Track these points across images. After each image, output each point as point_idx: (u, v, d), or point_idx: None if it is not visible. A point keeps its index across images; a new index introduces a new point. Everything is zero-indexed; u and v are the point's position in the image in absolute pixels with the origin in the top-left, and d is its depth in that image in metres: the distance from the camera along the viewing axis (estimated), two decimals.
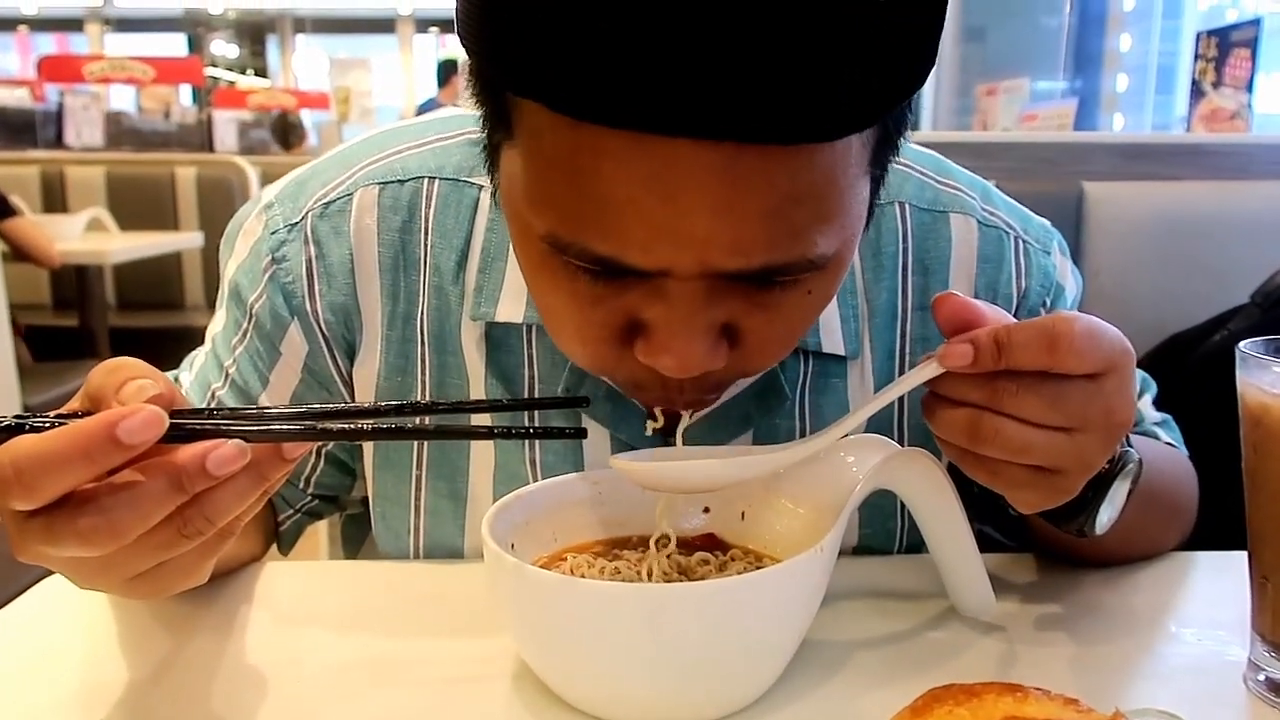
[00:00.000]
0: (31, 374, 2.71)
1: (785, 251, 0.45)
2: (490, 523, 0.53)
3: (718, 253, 0.44)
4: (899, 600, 0.64)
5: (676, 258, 0.44)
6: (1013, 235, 0.69)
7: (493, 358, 0.65)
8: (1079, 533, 0.57)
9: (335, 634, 0.60)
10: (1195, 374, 1.02)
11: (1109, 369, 0.48)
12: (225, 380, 0.69)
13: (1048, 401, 0.47)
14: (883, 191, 0.64)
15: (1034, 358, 0.47)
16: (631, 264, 0.45)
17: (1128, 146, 1.28)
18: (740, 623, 0.48)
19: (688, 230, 0.43)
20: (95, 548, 0.40)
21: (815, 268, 0.47)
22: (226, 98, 8.23)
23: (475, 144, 0.65)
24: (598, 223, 0.44)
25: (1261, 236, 1.18)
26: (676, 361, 0.47)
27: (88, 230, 3.31)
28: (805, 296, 0.49)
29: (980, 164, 1.27)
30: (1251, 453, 0.52)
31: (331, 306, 0.66)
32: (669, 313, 0.46)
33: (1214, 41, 1.82)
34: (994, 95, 2.72)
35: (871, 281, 0.67)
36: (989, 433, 0.48)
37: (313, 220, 0.66)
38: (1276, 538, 0.52)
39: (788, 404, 0.66)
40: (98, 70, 6.06)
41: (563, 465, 0.66)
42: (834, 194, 0.45)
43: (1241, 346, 0.52)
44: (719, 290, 0.46)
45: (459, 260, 0.65)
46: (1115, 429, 0.49)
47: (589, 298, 0.48)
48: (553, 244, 0.46)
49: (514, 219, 0.50)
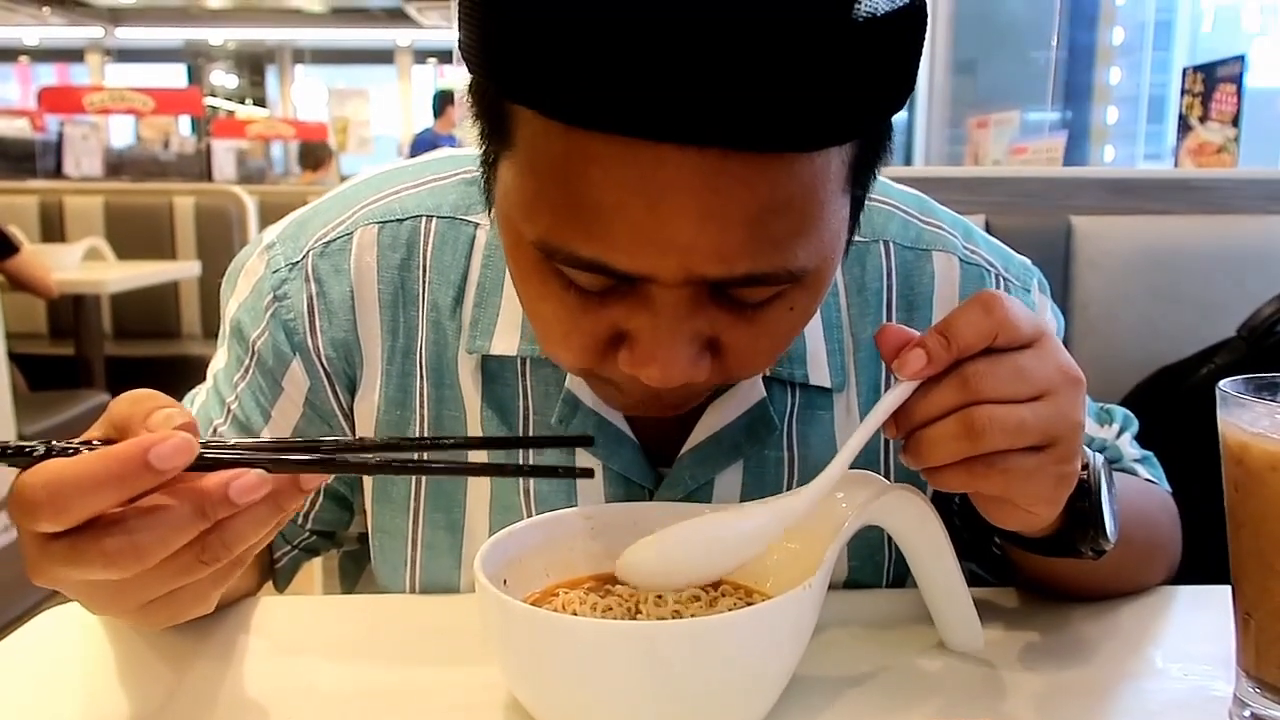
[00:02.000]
0: (27, 403, 2.71)
1: (767, 261, 0.46)
2: (483, 558, 0.53)
3: (701, 259, 0.45)
4: (888, 634, 0.64)
5: (661, 264, 0.46)
6: (994, 273, 0.71)
7: (488, 390, 0.67)
8: (1096, 552, 0.58)
9: (331, 667, 0.60)
10: (1182, 407, 1.03)
11: (1040, 333, 0.50)
12: (227, 416, 0.70)
13: (1013, 373, 0.49)
14: (868, 229, 0.67)
15: (977, 330, 0.48)
16: (617, 268, 0.46)
17: (1116, 181, 1.29)
18: (731, 659, 0.49)
19: (672, 236, 0.44)
20: (118, 570, 0.42)
21: (795, 279, 0.48)
22: (225, 128, 8.28)
23: (471, 183, 0.69)
24: (586, 227, 0.45)
25: (1248, 270, 1.19)
26: (660, 372, 0.49)
27: (85, 260, 3.32)
28: (787, 312, 0.51)
29: (971, 198, 1.29)
30: (1233, 490, 0.53)
31: (333, 342, 0.67)
32: (654, 323, 0.48)
33: (1200, 76, 1.85)
34: (985, 128, 2.75)
35: (857, 316, 0.69)
36: (983, 422, 0.48)
37: (313, 259, 0.68)
38: (1258, 575, 0.52)
39: (776, 434, 0.67)
40: (98, 101, 6.10)
41: (555, 496, 0.67)
42: (814, 207, 0.46)
43: (1222, 385, 0.53)
44: (702, 303, 0.48)
45: (456, 296, 0.67)
46: (1076, 384, 0.51)
47: (577, 307, 0.50)
48: (543, 250, 0.47)
49: (507, 229, 0.51)
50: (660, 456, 0.67)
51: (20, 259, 2.77)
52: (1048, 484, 0.51)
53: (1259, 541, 0.52)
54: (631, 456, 0.65)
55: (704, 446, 0.65)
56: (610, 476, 0.66)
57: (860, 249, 0.68)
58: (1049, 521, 0.55)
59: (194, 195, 3.83)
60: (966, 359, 0.49)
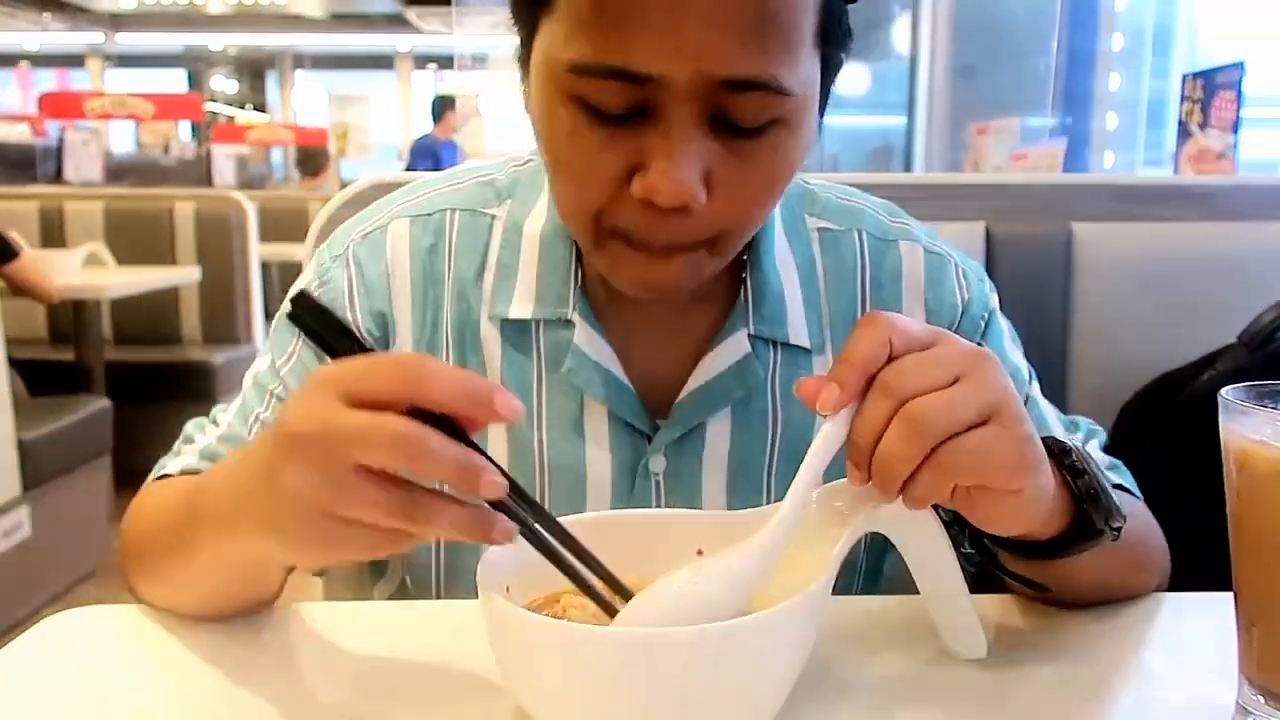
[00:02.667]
0: (27, 408, 2.71)
1: (760, 67, 0.56)
2: (485, 566, 0.53)
3: (708, 57, 0.55)
4: (890, 641, 0.64)
5: (674, 64, 0.55)
6: (953, 262, 0.79)
7: (507, 349, 0.75)
8: (1115, 529, 0.59)
9: (337, 675, 0.60)
10: (1184, 414, 1.03)
11: (936, 333, 0.53)
12: (268, 402, 0.76)
13: (925, 363, 0.51)
14: (845, 221, 0.79)
15: (872, 343, 0.51)
16: (639, 70, 0.55)
17: (1116, 188, 1.29)
18: (732, 668, 0.49)
19: (684, 37, 0.54)
20: (369, 510, 0.46)
21: (781, 94, 0.57)
22: (225, 133, 8.29)
23: (486, 185, 0.79)
24: (613, 37, 0.55)
25: (1249, 277, 1.19)
26: (669, 186, 0.57)
27: (86, 265, 3.32)
28: (772, 153, 0.60)
29: (971, 204, 1.29)
30: (1235, 499, 0.53)
31: (370, 314, 0.76)
32: (664, 143, 0.57)
33: (1200, 83, 1.85)
34: (985, 134, 2.76)
35: (834, 290, 0.77)
36: (920, 413, 0.50)
37: (354, 247, 0.77)
38: (1260, 583, 0.52)
39: (761, 385, 0.74)
40: (98, 107, 6.11)
41: (566, 443, 0.73)
42: (794, 32, 0.57)
43: (1224, 393, 0.53)
44: (703, 130, 0.58)
45: (478, 270, 0.76)
46: (988, 359, 0.52)
47: (598, 143, 0.59)
48: (577, 70, 0.57)
49: (545, 86, 0.60)
50: (658, 412, 0.74)
51: (20, 264, 2.77)
52: (1011, 450, 0.52)
53: (1261, 550, 0.52)
54: (631, 403, 0.72)
55: (697, 393, 0.72)
56: (614, 423, 0.73)
57: (837, 235, 0.78)
58: (1044, 503, 0.56)
59: (194, 201, 3.83)
60: (878, 371, 0.52)
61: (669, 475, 0.73)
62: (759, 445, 0.74)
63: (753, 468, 0.74)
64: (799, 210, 0.79)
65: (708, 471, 0.73)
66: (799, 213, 0.78)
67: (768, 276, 0.74)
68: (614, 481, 0.73)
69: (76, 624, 0.67)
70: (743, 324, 0.73)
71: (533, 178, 0.77)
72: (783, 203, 0.76)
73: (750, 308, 0.73)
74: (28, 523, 2.58)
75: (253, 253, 3.85)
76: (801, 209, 0.79)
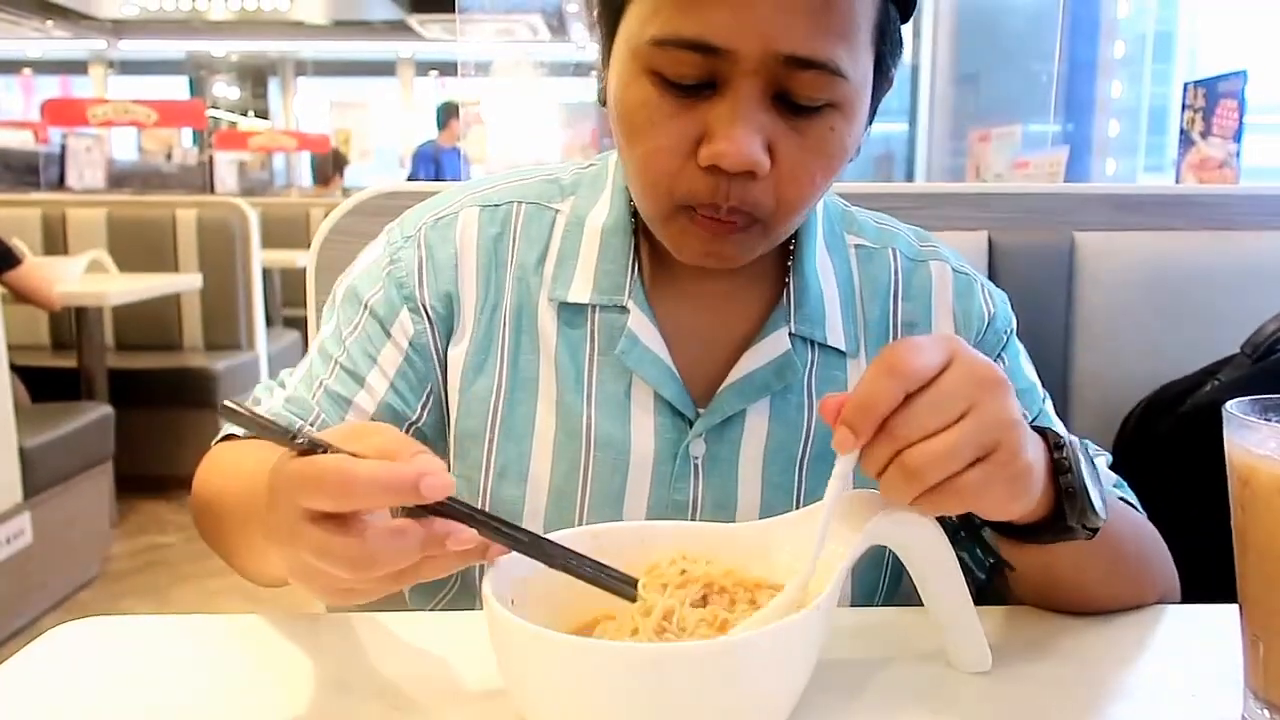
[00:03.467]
0: (29, 415, 2.71)
1: (822, 49, 0.61)
2: (491, 578, 0.53)
3: (776, 34, 0.61)
4: (895, 654, 0.64)
5: (745, 39, 0.61)
6: (979, 281, 0.84)
7: (562, 330, 0.79)
8: (1089, 529, 0.61)
9: (343, 686, 0.60)
10: (1186, 424, 1.03)
11: (952, 352, 0.55)
12: (333, 370, 0.79)
13: (930, 409, 0.53)
14: (880, 240, 0.83)
15: (888, 393, 0.53)
16: (713, 42, 0.61)
17: (1119, 197, 1.29)
18: (737, 682, 0.49)
19: (756, 16, 0.60)
20: (348, 568, 0.49)
21: (839, 76, 0.62)
22: (228, 139, 8.30)
23: (550, 182, 0.84)
24: (693, 14, 0.61)
25: (1251, 286, 1.19)
26: (734, 150, 0.62)
27: (88, 272, 3.32)
28: (828, 132, 0.65)
29: (974, 214, 1.29)
30: (1240, 512, 0.53)
31: (437, 294, 0.80)
32: (730, 111, 0.62)
33: (1201, 92, 1.85)
34: (986, 141, 2.76)
35: (869, 298, 0.82)
36: (916, 463, 0.53)
37: (425, 230, 0.82)
38: (1266, 598, 0.52)
39: (799, 379, 0.77)
40: (101, 114, 6.11)
41: (614, 426, 0.76)
42: (852, 22, 0.63)
43: (1228, 407, 0.53)
44: (766, 104, 0.63)
45: (539, 257, 0.80)
46: (996, 387, 0.54)
47: (670, 111, 0.64)
48: (658, 42, 0.62)
49: (626, 66, 0.66)
50: (700, 401, 0.77)
51: (23, 271, 2.78)
52: (1002, 490, 0.55)
53: (1266, 564, 0.52)
54: (676, 388, 0.76)
55: (739, 383, 0.76)
56: (659, 405, 0.77)
57: (872, 251, 0.83)
58: (1029, 507, 0.58)
59: (196, 207, 3.84)
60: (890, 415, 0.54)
61: (708, 459, 0.76)
62: (793, 438, 0.77)
63: (786, 458, 0.77)
64: (839, 228, 0.84)
65: (744, 459, 0.77)
66: (839, 230, 0.83)
67: (809, 281, 0.78)
68: (655, 462, 0.76)
69: (80, 635, 0.67)
70: (784, 323, 0.77)
71: (595, 178, 0.83)
72: (825, 218, 0.82)
73: (792, 308, 0.77)
74: (29, 529, 2.58)
75: (255, 259, 3.85)
76: (841, 227, 0.84)
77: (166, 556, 3.20)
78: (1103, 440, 1.04)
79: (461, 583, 0.84)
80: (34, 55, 14.58)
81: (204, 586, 2.95)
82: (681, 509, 0.76)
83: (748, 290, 0.78)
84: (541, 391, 0.78)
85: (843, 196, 0.88)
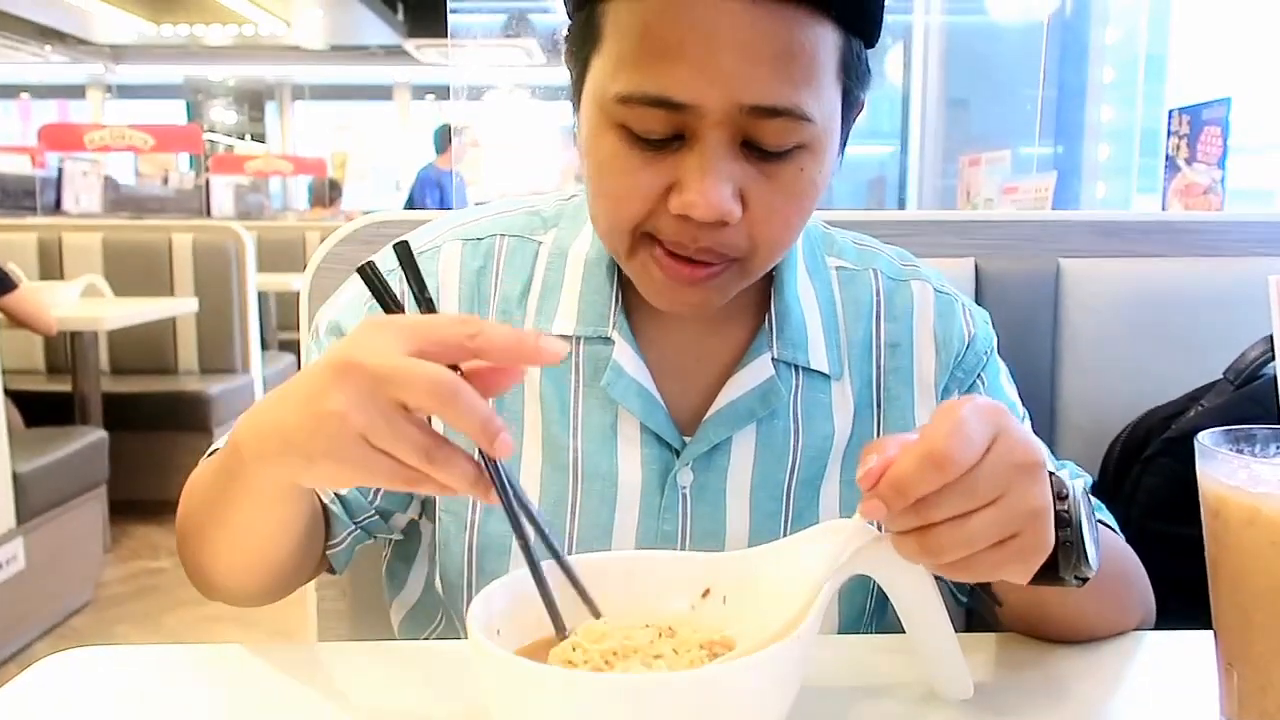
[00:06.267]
0: (23, 439, 2.71)
1: (786, 97, 0.62)
2: (475, 610, 0.54)
3: (740, 87, 0.61)
4: (878, 683, 0.65)
5: (710, 92, 0.61)
6: (960, 302, 0.85)
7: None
8: (1079, 579, 0.60)
9: (336, 715, 0.61)
10: (1170, 449, 1.04)
11: (997, 433, 0.53)
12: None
13: (963, 495, 0.52)
14: (861, 261, 0.83)
15: (928, 481, 0.51)
16: (677, 98, 0.61)
17: (1104, 224, 1.31)
18: (720, 711, 0.49)
19: (719, 67, 0.60)
20: (404, 448, 0.52)
21: (805, 121, 0.63)
22: (224, 163, 8.33)
23: (533, 214, 0.84)
24: (655, 68, 0.61)
25: (1234, 312, 1.20)
26: (705, 202, 0.63)
27: (83, 296, 3.33)
28: (798, 173, 0.65)
29: (961, 240, 1.31)
30: (1212, 542, 0.54)
31: None
32: (699, 164, 0.63)
33: (1186, 119, 1.88)
34: (976, 166, 2.78)
35: (851, 320, 0.82)
36: (935, 546, 0.53)
37: None
38: (1238, 627, 0.53)
39: (784, 405, 0.78)
40: (98, 139, 6.14)
41: (601, 456, 0.76)
42: (816, 66, 0.63)
43: (1199, 438, 0.54)
44: (735, 153, 0.63)
45: (523, 290, 0.80)
46: (1030, 472, 0.53)
47: (639, 164, 0.65)
48: (623, 100, 0.63)
49: (592, 115, 0.66)
50: (686, 431, 0.77)
51: (18, 296, 2.78)
52: (1015, 569, 0.55)
53: (1238, 594, 0.53)
54: (662, 418, 0.76)
55: (724, 411, 0.77)
56: (646, 436, 0.77)
57: (854, 273, 0.84)
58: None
59: (192, 232, 3.85)
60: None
61: (695, 489, 0.77)
62: (780, 464, 0.78)
63: (774, 484, 0.78)
64: (819, 251, 0.84)
65: (731, 487, 0.77)
66: (819, 253, 0.84)
67: (790, 305, 0.79)
68: (643, 493, 0.76)
69: (71, 665, 0.67)
70: (766, 348, 0.77)
71: (577, 210, 0.82)
72: (804, 242, 0.83)
73: (774, 333, 0.78)
74: (22, 555, 2.58)
75: (250, 283, 3.86)
76: (822, 250, 0.84)
77: (160, 582, 3.19)
78: (1088, 465, 1.05)
79: (449, 617, 0.84)
80: (32, 80, 14.63)
81: (198, 612, 2.94)
82: (670, 539, 0.76)
83: (730, 318, 0.78)
84: (527, 424, 0.78)
85: (829, 224, 0.89)
